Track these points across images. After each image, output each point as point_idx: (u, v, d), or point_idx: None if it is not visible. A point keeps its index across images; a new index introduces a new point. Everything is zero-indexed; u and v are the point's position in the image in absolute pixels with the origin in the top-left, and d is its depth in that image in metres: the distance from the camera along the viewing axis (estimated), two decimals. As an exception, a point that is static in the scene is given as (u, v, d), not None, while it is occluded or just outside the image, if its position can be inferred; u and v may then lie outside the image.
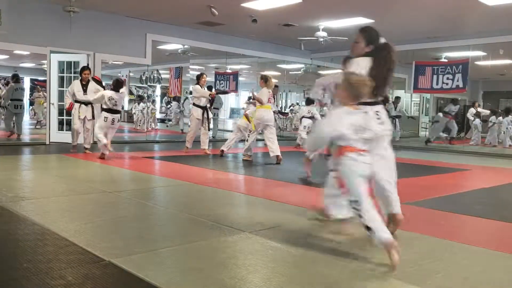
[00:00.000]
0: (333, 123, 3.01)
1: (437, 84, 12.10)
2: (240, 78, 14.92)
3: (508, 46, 11.32)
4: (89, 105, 8.59)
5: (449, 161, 9.63)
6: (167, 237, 3.39)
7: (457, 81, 11.64)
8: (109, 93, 7.90)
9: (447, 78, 11.85)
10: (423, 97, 19.81)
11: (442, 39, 11.79)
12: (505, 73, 17.23)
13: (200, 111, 9.13)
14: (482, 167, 8.82)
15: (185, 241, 3.29)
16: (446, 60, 13.29)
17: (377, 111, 3.51)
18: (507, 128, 14.30)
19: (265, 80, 8.20)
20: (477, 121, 15.10)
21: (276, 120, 10.99)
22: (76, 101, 8.61)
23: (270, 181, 6.15)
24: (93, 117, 8.62)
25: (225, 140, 9.29)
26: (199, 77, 9.25)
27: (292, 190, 5.65)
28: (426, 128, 18.31)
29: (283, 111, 18.50)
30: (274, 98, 11.51)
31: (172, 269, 2.67)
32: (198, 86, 9.15)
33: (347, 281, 2.59)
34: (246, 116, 8.73)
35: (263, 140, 8.72)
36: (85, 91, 8.62)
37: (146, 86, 16.84)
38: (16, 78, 12.09)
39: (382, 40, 3.63)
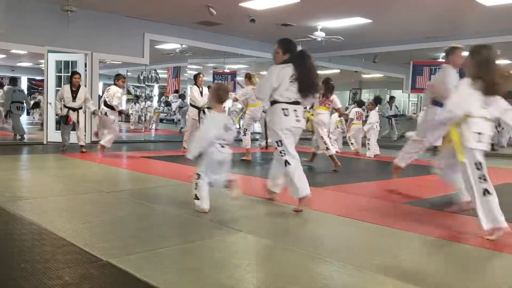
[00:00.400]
0: (214, 126, 4.02)
1: (434, 84, 12.11)
2: (238, 78, 14.90)
3: (506, 46, 11.32)
4: (76, 111, 8.52)
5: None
6: (165, 237, 3.38)
7: (455, 81, 11.65)
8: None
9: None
10: (421, 97, 19.83)
11: (439, 39, 11.80)
12: (502, 73, 17.24)
13: (195, 111, 9.17)
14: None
15: (183, 241, 3.28)
16: (444, 60, 13.30)
17: (295, 110, 4.27)
18: (502, 128, 14.29)
19: (248, 77, 8.40)
20: None
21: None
22: (65, 106, 8.49)
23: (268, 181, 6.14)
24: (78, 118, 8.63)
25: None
26: (196, 77, 9.28)
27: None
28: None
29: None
30: None
31: (170, 269, 2.66)
32: (195, 89, 9.17)
33: (346, 281, 2.59)
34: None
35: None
36: (74, 98, 8.45)
37: (144, 85, 16.83)
38: (14, 82, 12.12)
39: (299, 48, 4.44)
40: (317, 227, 3.88)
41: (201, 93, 9.25)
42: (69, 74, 10.36)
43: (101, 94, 11.21)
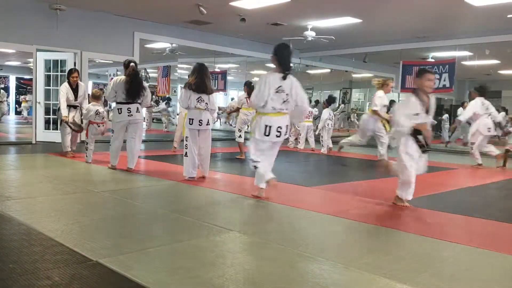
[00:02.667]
0: (90, 110, 7.20)
1: (424, 83, 12.20)
2: (228, 77, 14.88)
3: (494, 46, 11.45)
4: (77, 108, 7.93)
5: (436, 160, 9.71)
6: (155, 237, 3.37)
7: (444, 80, 11.75)
8: None
9: (434, 78, 11.96)
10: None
11: (429, 39, 11.89)
12: (491, 73, 17.41)
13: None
14: (469, 166, 8.92)
15: (173, 240, 3.28)
16: (433, 60, 13.41)
17: (128, 108, 6.34)
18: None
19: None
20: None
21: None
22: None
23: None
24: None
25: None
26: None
27: (280, 189, 5.66)
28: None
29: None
30: None
31: (160, 269, 2.66)
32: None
33: (336, 280, 2.60)
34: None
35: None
36: (76, 96, 7.88)
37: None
38: None
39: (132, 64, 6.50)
40: (307, 226, 3.89)
41: None
42: (58, 73, 10.31)
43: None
